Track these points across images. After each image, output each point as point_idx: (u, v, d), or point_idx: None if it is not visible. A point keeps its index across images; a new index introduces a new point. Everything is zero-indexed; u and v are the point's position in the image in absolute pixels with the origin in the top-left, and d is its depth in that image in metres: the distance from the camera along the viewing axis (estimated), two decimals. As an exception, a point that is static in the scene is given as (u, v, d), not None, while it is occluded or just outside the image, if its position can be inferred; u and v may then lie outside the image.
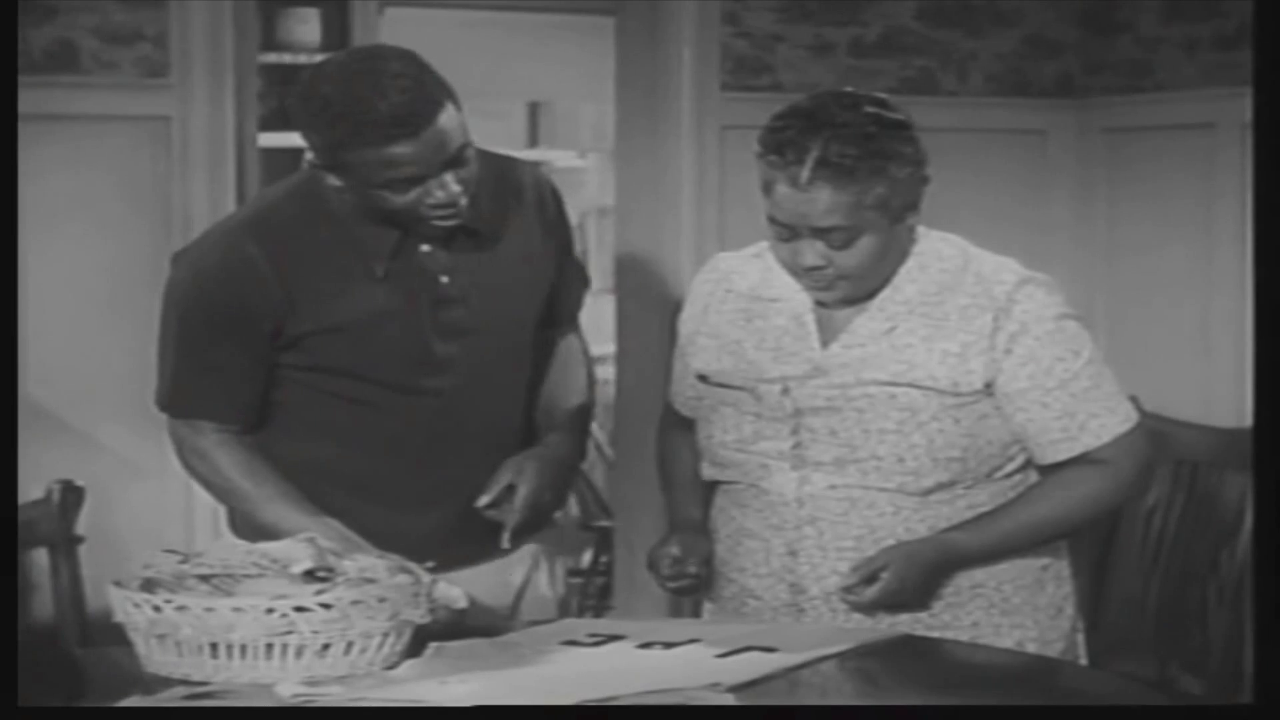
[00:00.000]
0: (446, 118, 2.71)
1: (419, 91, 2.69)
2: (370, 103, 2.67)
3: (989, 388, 2.84)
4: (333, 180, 2.77)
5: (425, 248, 2.85)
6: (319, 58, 7.04)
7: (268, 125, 5.66)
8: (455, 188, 2.74)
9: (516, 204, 2.96)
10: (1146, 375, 4.35)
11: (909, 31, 5.04)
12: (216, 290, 2.83)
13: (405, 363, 2.87)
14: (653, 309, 4.81)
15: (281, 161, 6.78)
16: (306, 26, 7.03)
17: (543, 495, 2.88)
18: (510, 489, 2.85)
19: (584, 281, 3.14)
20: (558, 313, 3.07)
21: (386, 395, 2.88)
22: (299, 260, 2.83)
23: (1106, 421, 2.86)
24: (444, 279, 2.87)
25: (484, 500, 2.84)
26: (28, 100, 2.60)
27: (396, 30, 6.96)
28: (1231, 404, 4.48)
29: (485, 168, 2.85)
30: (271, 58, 6.82)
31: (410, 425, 2.89)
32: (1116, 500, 2.99)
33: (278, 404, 2.92)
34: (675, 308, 3.11)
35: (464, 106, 2.76)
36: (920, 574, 2.80)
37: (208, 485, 2.94)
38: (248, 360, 2.86)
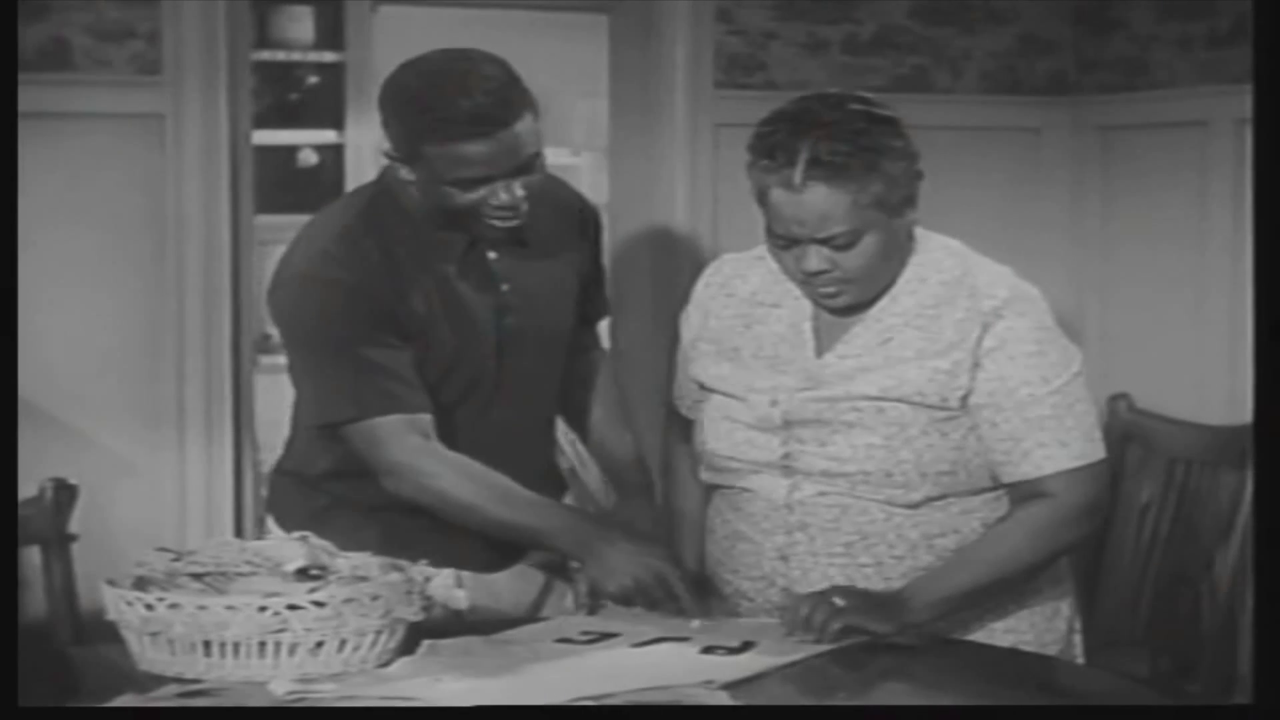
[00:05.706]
0: (523, 125, 2.80)
1: (501, 95, 2.79)
2: (453, 99, 2.76)
3: (965, 399, 2.81)
4: (405, 174, 2.85)
5: (492, 255, 2.95)
6: (312, 55, 7.12)
7: (261, 122, 5.66)
8: (519, 192, 2.82)
9: (564, 223, 3.08)
10: (1139, 373, 4.35)
11: (903, 29, 5.03)
12: (347, 286, 2.82)
13: (469, 363, 2.92)
14: (647, 307, 4.80)
15: (275, 159, 6.78)
16: (299, 24, 7.03)
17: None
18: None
19: (604, 304, 3.23)
20: (583, 328, 3.16)
21: (449, 395, 2.91)
22: (391, 260, 2.87)
23: (1053, 454, 2.79)
24: (505, 287, 2.96)
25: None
26: (20, 98, 2.60)
27: (389, 28, 6.95)
28: (1225, 402, 4.48)
29: (542, 185, 2.92)
30: (265, 55, 6.82)
31: (462, 425, 2.92)
32: (1062, 535, 2.82)
33: None
34: (669, 305, 3.11)
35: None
36: (862, 593, 2.72)
37: (445, 507, 2.87)
38: (396, 347, 2.85)
